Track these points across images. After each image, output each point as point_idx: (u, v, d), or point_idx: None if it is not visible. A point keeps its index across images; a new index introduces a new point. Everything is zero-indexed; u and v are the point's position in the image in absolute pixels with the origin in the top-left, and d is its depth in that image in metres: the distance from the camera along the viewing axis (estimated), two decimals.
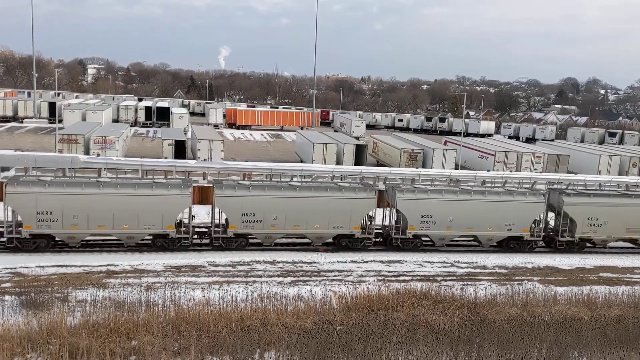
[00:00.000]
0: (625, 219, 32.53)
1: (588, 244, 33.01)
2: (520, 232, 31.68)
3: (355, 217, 30.10)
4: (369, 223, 30.83)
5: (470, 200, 31.16)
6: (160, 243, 28.76)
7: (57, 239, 28.01)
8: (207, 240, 30.16)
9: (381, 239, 32.06)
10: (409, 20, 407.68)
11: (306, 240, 30.83)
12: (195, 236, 30.08)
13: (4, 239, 27.81)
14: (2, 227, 27.82)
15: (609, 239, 32.96)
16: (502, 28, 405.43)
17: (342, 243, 30.47)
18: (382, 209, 32.64)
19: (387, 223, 32.10)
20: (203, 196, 35.61)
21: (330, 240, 30.69)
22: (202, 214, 33.57)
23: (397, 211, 30.97)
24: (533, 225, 32.01)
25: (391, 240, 31.17)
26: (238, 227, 29.08)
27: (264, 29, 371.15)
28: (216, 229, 29.54)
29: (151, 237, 28.75)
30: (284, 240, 30.70)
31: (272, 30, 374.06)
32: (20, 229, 27.45)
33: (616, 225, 32.49)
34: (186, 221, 29.09)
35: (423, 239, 31.32)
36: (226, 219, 29.74)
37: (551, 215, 33.41)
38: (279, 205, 29.28)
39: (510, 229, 31.57)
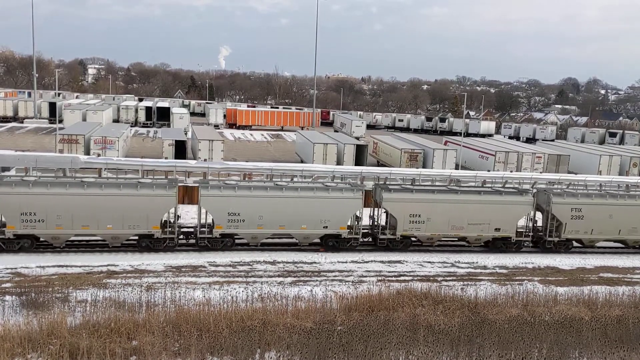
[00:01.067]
0: (449, 215, 30.82)
1: (416, 242, 31.60)
2: (337, 230, 30.19)
3: (153, 215, 28.10)
4: (172, 222, 28.82)
5: (281, 197, 29.56)
6: None
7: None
8: None
9: (192, 239, 30.14)
10: (408, 20, 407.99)
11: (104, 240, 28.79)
12: None
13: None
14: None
15: (435, 236, 31.28)
16: (502, 28, 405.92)
17: (142, 244, 28.59)
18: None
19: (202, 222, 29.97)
20: None
21: (135, 240, 28.79)
22: None
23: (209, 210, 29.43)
24: (355, 222, 30.73)
25: (198, 240, 29.51)
26: (17, 227, 26.93)
27: (264, 29, 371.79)
28: None
29: None
30: (82, 240, 29.05)
31: (272, 30, 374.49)
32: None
33: (440, 222, 30.81)
34: None
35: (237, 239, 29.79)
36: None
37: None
38: (64, 203, 27.14)
39: (326, 227, 30.01)
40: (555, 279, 27.61)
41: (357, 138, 72.40)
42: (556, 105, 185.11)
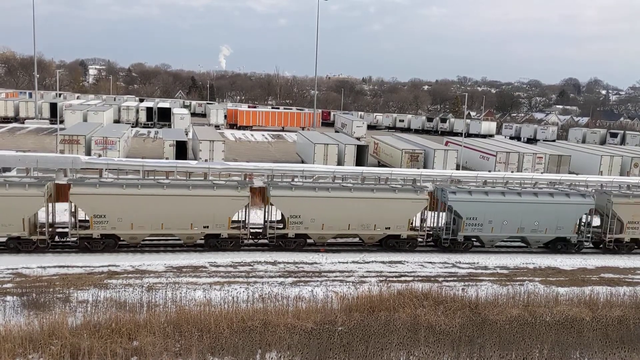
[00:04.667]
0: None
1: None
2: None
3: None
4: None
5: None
6: None
7: None
8: None
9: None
10: (407, 20, 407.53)
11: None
12: None
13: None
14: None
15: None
16: (502, 28, 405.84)
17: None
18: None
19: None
20: None
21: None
22: None
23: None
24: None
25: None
26: None
27: (264, 30, 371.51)
28: None
29: None
30: None
31: (271, 31, 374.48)
32: None
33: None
34: None
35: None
36: None
37: None
38: None
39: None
40: (556, 280, 27.62)
41: (358, 138, 72.40)
42: (557, 106, 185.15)
